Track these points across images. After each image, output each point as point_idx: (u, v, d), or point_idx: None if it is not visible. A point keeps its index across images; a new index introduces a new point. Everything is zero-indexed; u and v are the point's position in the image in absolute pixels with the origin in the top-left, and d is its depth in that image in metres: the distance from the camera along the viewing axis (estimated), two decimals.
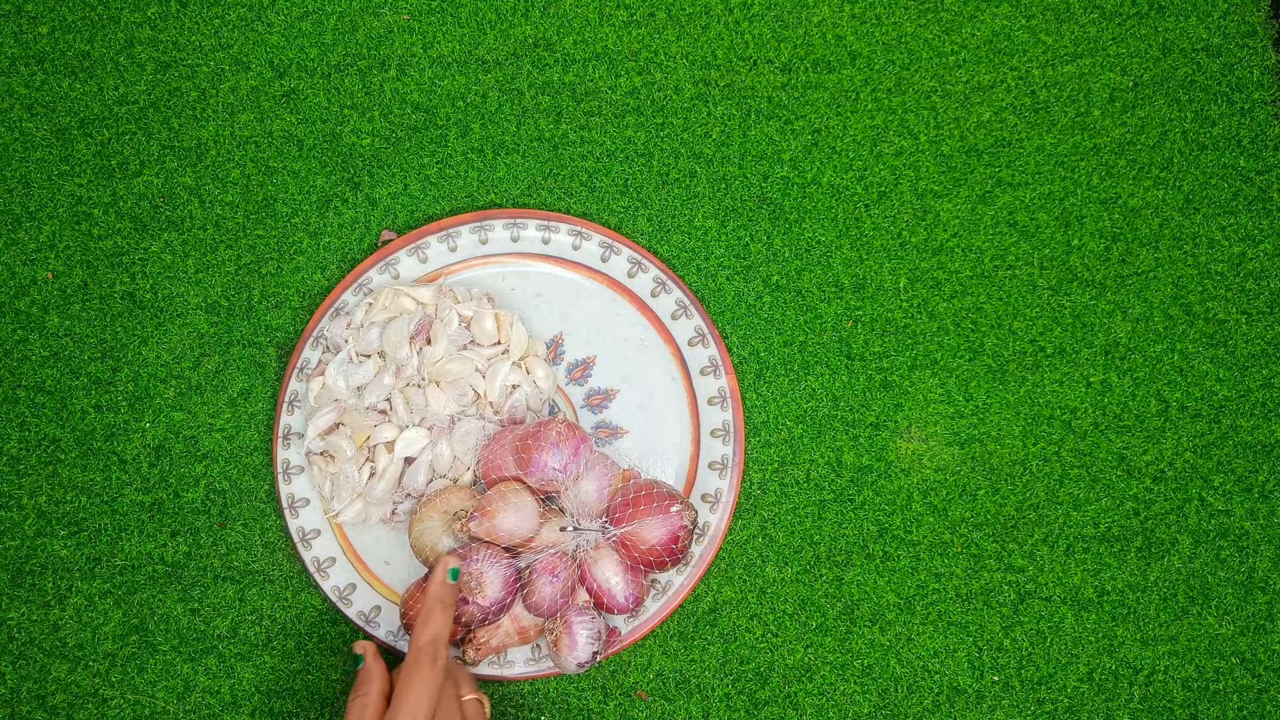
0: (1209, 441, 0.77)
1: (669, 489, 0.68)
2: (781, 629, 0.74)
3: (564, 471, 0.67)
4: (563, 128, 0.78)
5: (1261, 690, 0.74)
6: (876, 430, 0.76)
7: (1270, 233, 0.79)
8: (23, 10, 0.78)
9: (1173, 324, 0.78)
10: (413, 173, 0.78)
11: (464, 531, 0.67)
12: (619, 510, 0.67)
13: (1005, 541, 0.75)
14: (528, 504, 0.67)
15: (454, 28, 0.79)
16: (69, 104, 0.77)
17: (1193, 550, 0.75)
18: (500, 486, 0.68)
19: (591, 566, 0.68)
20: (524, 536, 0.67)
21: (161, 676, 0.72)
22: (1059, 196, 0.79)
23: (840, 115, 0.79)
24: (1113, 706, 0.74)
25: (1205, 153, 0.80)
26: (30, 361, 0.74)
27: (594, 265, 0.76)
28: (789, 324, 0.77)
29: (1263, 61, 0.80)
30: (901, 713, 0.73)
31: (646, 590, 0.70)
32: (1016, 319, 0.77)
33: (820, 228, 0.78)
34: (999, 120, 0.79)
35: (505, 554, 0.67)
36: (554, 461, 0.67)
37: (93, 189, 0.77)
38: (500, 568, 0.66)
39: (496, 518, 0.66)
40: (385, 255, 0.75)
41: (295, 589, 0.73)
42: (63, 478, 0.73)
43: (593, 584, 0.68)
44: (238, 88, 0.78)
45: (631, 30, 0.80)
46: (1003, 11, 0.80)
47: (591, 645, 0.67)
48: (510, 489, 0.67)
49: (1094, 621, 0.74)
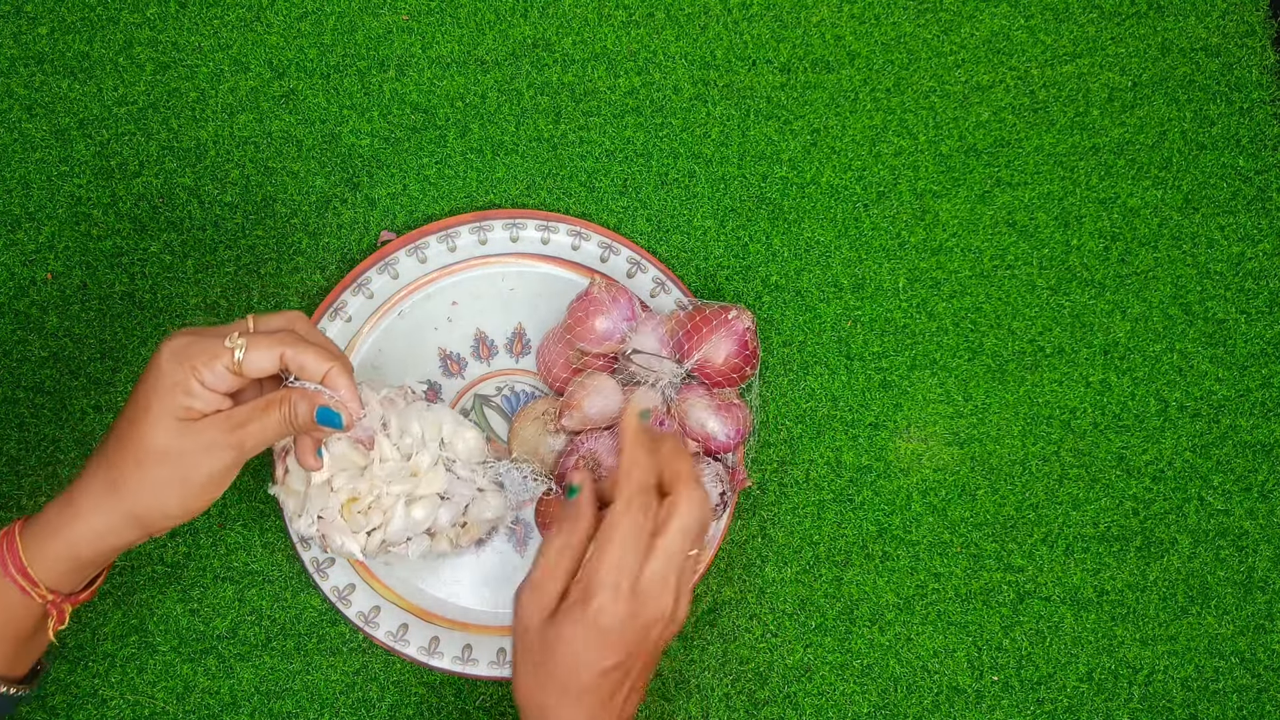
0: (1208, 441, 0.77)
1: (718, 304, 0.69)
2: (781, 629, 0.74)
3: (626, 323, 0.69)
4: (562, 128, 0.79)
5: (1261, 690, 0.74)
6: (876, 430, 0.76)
7: (1269, 232, 0.79)
8: (22, 11, 0.78)
9: (1172, 323, 0.78)
10: (412, 173, 0.78)
11: (559, 430, 0.69)
12: (684, 343, 0.68)
13: (1004, 541, 0.75)
14: (606, 382, 0.69)
15: (453, 28, 0.79)
16: (68, 105, 0.77)
17: (1192, 550, 0.75)
18: (575, 378, 0.70)
19: (685, 418, 0.69)
20: (615, 412, 0.69)
21: (161, 677, 0.72)
22: (1058, 196, 0.79)
23: (839, 115, 0.79)
24: (1112, 706, 0.74)
25: (1204, 152, 0.80)
26: (29, 362, 0.75)
27: (593, 265, 0.76)
28: (788, 324, 0.77)
29: (1261, 61, 0.80)
30: (901, 713, 0.73)
31: (746, 420, 0.70)
32: (1015, 319, 0.77)
33: (819, 228, 0.78)
34: (998, 120, 0.79)
35: (606, 431, 0.69)
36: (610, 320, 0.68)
37: (92, 189, 0.77)
38: (607, 439, 0.68)
39: (584, 406, 0.68)
40: (384, 256, 0.75)
41: (295, 589, 0.73)
42: (62, 478, 0.73)
43: (693, 433, 0.69)
44: (237, 88, 0.78)
45: (630, 30, 0.80)
46: (1001, 11, 0.80)
47: (716, 486, 0.69)
48: (584, 376, 0.69)
49: (1093, 621, 0.74)
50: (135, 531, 0.55)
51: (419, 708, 0.72)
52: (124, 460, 0.53)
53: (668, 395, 0.69)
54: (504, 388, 0.75)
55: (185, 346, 0.53)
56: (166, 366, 0.53)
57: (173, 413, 0.53)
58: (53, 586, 0.55)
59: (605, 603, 0.55)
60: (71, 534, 0.54)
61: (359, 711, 0.72)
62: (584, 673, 0.55)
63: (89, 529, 0.54)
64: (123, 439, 0.54)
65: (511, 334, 0.76)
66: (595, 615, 0.55)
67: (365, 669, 0.72)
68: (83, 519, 0.54)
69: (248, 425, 0.55)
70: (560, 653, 0.55)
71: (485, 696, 0.73)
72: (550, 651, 0.55)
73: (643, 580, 0.56)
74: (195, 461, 0.53)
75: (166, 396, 0.53)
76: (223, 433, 0.54)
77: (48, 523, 0.54)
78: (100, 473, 0.54)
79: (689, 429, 0.69)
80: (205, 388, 0.54)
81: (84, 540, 0.54)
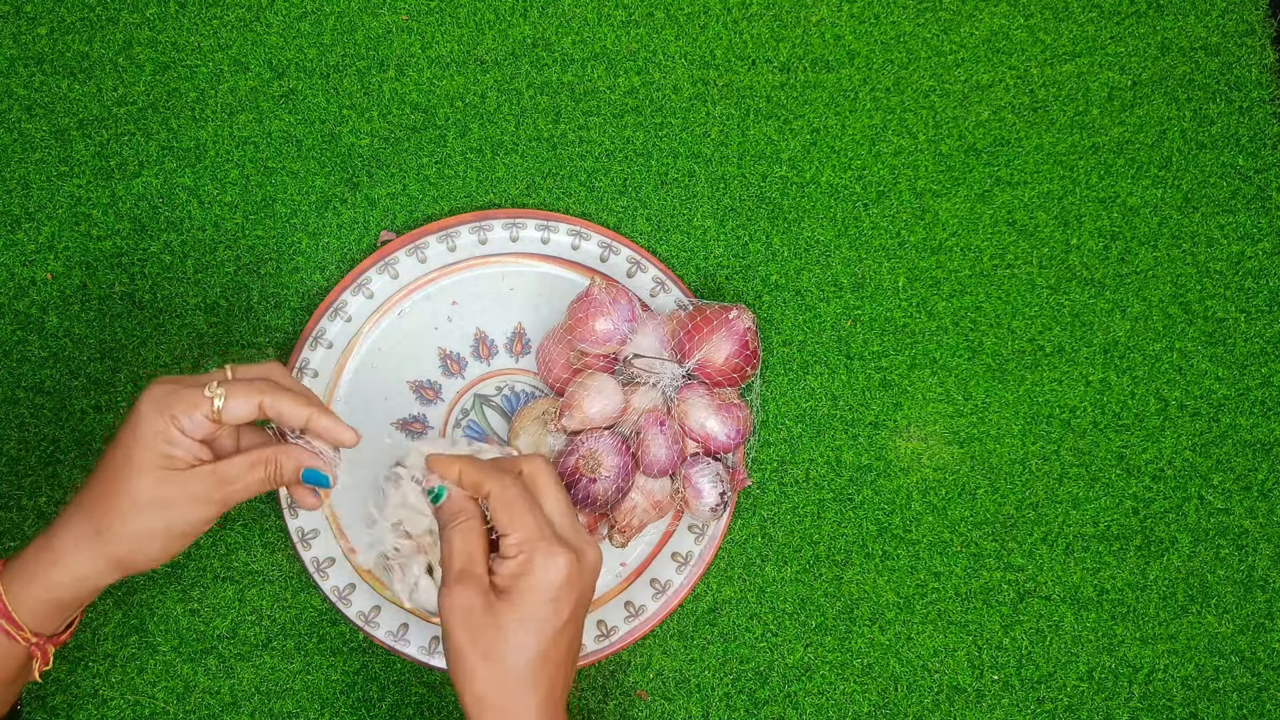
0: (1208, 440, 0.77)
1: (718, 304, 0.69)
2: (781, 628, 0.74)
3: (626, 324, 0.69)
4: (561, 128, 0.79)
5: (1261, 689, 0.74)
6: (876, 429, 0.76)
7: (1269, 231, 0.79)
8: (22, 11, 0.78)
9: (1171, 322, 0.78)
10: (411, 173, 0.78)
11: (559, 430, 0.69)
12: (684, 343, 0.69)
13: (1004, 540, 0.75)
14: (607, 383, 0.69)
15: (452, 28, 0.79)
16: (68, 105, 0.77)
17: (1192, 549, 0.75)
18: (575, 378, 0.70)
19: (686, 418, 0.69)
20: (615, 413, 0.69)
21: (161, 677, 0.72)
22: (1058, 195, 0.79)
23: (839, 114, 0.79)
24: (1112, 705, 0.74)
25: (1204, 151, 0.80)
26: (29, 362, 0.75)
27: (593, 265, 0.76)
28: (788, 323, 0.77)
29: (1261, 60, 0.80)
30: (901, 712, 0.73)
31: (746, 420, 0.70)
32: (1015, 318, 0.77)
33: (819, 227, 0.78)
34: (997, 119, 0.79)
35: (606, 431, 0.69)
36: (611, 321, 0.69)
37: (91, 190, 0.77)
38: (608, 439, 0.68)
39: (584, 406, 0.68)
40: (384, 256, 0.75)
41: (295, 589, 0.73)
42: (62, 478, 0.73)
43: (693, 433, 0.69)
44: (236, 88, 0.78)
45: (630, 30, 0.80)
46: (1001, 10, 0.80)
47: (716, 487, 0.69)
48: (585, 376, 0.69)
49: (1093, 620, 0.74)
50: (115, 574, 0.56)
51: (419, 708, 0.72)
52: (108, 508, 0.55)
53: (668, 395, 0.69)
54: (504, 387, 0.75)
55: (165, 396, 0.55)
56: (147, 415, 0.55)
57: (156, 462, 0.54)
58: (35, 629, 0.56)
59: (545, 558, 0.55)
60: (51, 578, 0.55)
61: (359, 711, 0.72)
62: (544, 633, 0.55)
63: (69, 573, 0.55)
64: (107, 487, 0.55)
65: (511, 334, 0.76)
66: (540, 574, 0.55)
67: (365, 669, 0.72)
68: (63, 564, 0.55)
69: (235, 483, 0.56)
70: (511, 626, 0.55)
71: None
72: (503, 630, 0.54)
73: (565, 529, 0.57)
74: (181, 511, 0.55)
75: (149, 446, 0.54)
76: (210, 487, 0.56)
77: (25, 567, 0.55)
78: (82, 518, 0.55)
79: (689, 429, 0.69)
80: (185, 435, 0.55)
81: (64, 584, 0.55)
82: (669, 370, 0.69)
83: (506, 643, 0.54)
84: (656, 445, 0.68)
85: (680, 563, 0.73)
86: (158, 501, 0.55)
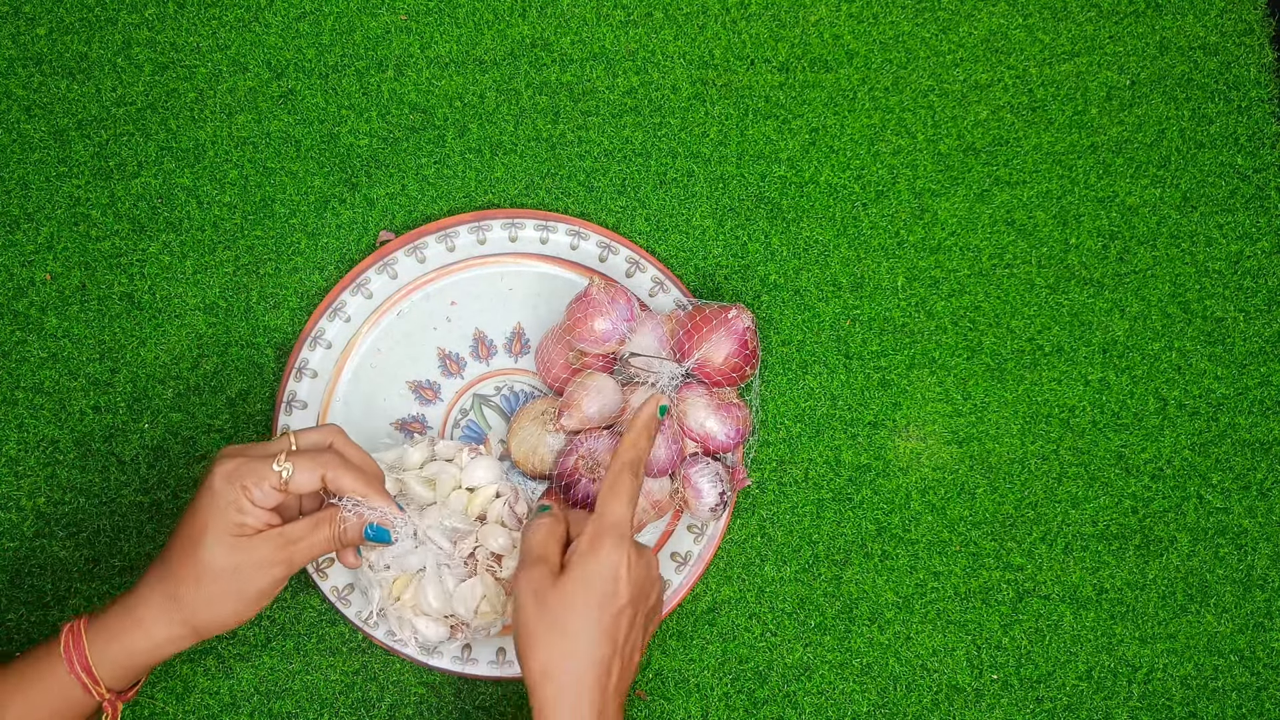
0: (1207, 439, 0.77)
1: (717, 304, 0.69)
2: (780, 628, 0.74)
3: (625, 324, 0.69)
4: (560, 128, 0.79)
5: (1260, 688, 0.74)
6: (875, 429, 0.76)
7: (1268, 230, 0.79)
8: (20, 12, 0.78)
9: (1170, 322, 0.78)
10: (410, 173, 0.78)
11: (559, 430, 0.69)
12: (684, 343, 0.69)
13: (1004, 540, 0.75)
14: (606, 383, 0.69)
15: (451, 28, 0.79)
16: (67, 105, 0.77)
17: (1191, 548, 0.75)
18: (575, 378, 0.70)
19: (685, 418, 0.69)
20: (614, 413, 0.69)
21: (161, 677, 0.72)
22: (1057, 195, 0.79)
23: (838, 114, 0.79)
24: (1111, 704, 0.74)
25: (1203, 151, 0.80)
26: (29, 363, 0.75)
27: (592, 265, 0.76)
28: (787, 323, 0.77)
29: (1260, 59, 0.80)
30: (900, 711, 0.73)
31: (746, 420, 0.70)
32: (1014, 317, 0.77)
33: (818, 227, 0.78)
34: (996, 119, 0.80)
35: (606, 431, 0.69)
36: (610, 321, 0.69)
37: (90, 190, 0.77)
38: (606, 439, 0.68)
39: (583, 406, 0.68)
40: (383, 256, 0.75)
41: (294, 589, 0.73)
42: (61, 479, 0.73)
43: (692, 433, 0.69)
44: (235, 89, 0.78)
45: (629, 30, 0.80)
46: (1000, 10, 0.80)
47: (716, 487, 0.69)
48: (584, 376, 0.70)
49: (1093, 619, 0.74)
50: (190, 640, 0.60)
51: (419, 708, 0.72)
52: (184, 576, 0.59)
53: (667, 395, 0.69)
54: (503, 387, 0.75)
55: (236, 468, 0.59)
56: (220, 488, 0.59)
57: (228, 530, 0.59)
58: (109, 686, 0.60)
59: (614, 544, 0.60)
60: (131, 642, 0.59)
61: (359, 711, 0.72)
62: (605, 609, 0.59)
63: (148, 639, 0.59)
64: (183, 556, 0.59)
65: (510, 334, 0.76)
66: (606, 555, 0.60)
67: (365, 669, 0.72)
68: (143, 629, 0.59)
69: (299, 543, 0.60)
70: (577, 600, 0.59)
71: (485, 696, 0.73)
72: (567, 605, 0.59)
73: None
74: (250, 576, 0.59)
75: (221, 516, 0.59)
76: (275, 549, 0.59)
77: (107, 626, 0.60)
78: (160, 586, 0.60)
79: (689, 429, 0.69)
80: (255, 505, 0.59)
81: (142, 650, 0.59)
82: (668, 370, 0.69)
83: (570, 613, 0.59)
84: (656, 445, 0.68)
85: (679, 562, 0.73)
86: (230, 567, 0.58)
